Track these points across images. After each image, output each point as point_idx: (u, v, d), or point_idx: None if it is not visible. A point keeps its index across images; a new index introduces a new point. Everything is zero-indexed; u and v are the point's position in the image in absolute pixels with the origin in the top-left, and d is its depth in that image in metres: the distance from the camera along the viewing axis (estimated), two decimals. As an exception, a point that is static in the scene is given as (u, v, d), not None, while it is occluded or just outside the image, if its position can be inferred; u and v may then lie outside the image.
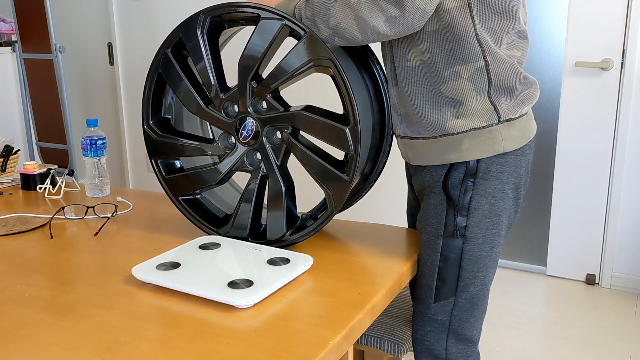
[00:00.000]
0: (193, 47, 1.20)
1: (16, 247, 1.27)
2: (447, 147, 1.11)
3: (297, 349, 0.83)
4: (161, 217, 1.47)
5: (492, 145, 1.09)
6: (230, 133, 1.22)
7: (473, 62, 1.06)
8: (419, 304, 1.21)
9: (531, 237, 3.04)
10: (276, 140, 1.19)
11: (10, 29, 3.45)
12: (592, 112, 2.73)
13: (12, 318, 0.94)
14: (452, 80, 1.08)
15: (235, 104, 1.20)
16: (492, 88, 1.08)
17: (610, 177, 2.75)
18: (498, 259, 1.18)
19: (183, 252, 1.14)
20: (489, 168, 1.10)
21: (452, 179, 1.12)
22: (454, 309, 1.17)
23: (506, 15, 1.07)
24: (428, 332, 1.20)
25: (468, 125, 1.08)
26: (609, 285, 2.82)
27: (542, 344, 2.32)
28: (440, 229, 1.13)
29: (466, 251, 1.13)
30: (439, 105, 1.10)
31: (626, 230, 2.76)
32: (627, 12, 2.58)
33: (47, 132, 3.47)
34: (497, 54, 1.07)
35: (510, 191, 1.13)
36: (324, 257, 1.17)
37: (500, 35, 1.07)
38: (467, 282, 1.15)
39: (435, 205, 1.14)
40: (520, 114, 1.11)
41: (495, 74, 1.07)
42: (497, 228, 1.13)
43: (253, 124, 1.19)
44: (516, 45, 1.10)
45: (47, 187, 1.76)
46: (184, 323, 0.90)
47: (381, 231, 1.32)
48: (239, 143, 1.22)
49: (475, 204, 1.11)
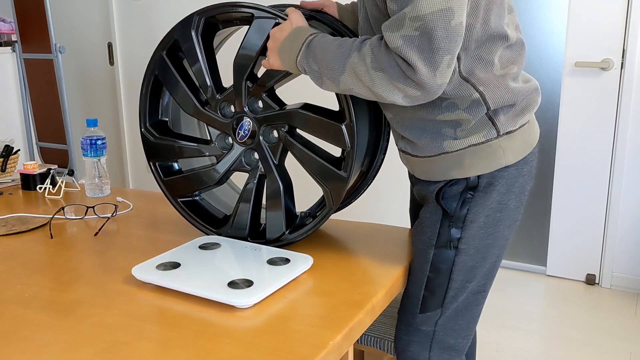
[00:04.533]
0: (188, 48, 1.20)
1: (16, 247, 1.27)
2: (449, 164, 1.08)
3: (297, 349, 0.83)
4: (161, 217, 1.47)
5: (494, 160, 1.06)
6: (227, 133, 1.22)
7: (467, 96, 1.03)
8: (404, 312, 1.18)
9: (531, 237, 3.04)
10: (273, 139, 1.19)
11: (10, 29, 3.45)
12: (592, 112, 2.73)
13: (12, 318, 0.94)
14: (449, 112, 1.04)
15: (232, 104, 1.20)
16: (490, 111, 1.04)
17: (610, 177, 2.75)
18: (495, 269, 1.15)
19: (183, 252, 1.14)
20: (491, 182, 1.07)
21: (450, 191, 1.09)
22: (440, 319, 1.14)
23: (492, 38, 1.02)
24: (412, 342, 1.17)
25: (466, 142, 1.05)
26: (609, 285, 2.82)
27: (542, 344, 2.32)
28: (433, 239, 1.11)
29: (457, 262, 1.10)
30: (436, 129, 1.07)
31: (626, 230, 2.76)
32: (627, 12, 2.58)
33: (47, 132, 3.47)
34: (490, 81, 1.03)
35: (510, 201, 1.10)
36: (324, 257, 1.17)
37: (489, 58, 1.02)
38: (455, 293, 1.12)
39: (431, 214, 1.12)
40: (520, 124, 1.07)
41: (493, 100, 1.04)
42: (492, 238, 1.10)
43: (250, 124, 1.19)
44: (510, 61, 1.06)
45: (47, 187, 1.76)
46: (184, 323, 0.90)
47: (381, 231, 1.32)
48: (236, 143, 1.22)
49: (472, 216, 1.08)
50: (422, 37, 0.89)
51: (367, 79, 0.96)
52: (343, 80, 0.99)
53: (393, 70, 0.92)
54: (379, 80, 0.94)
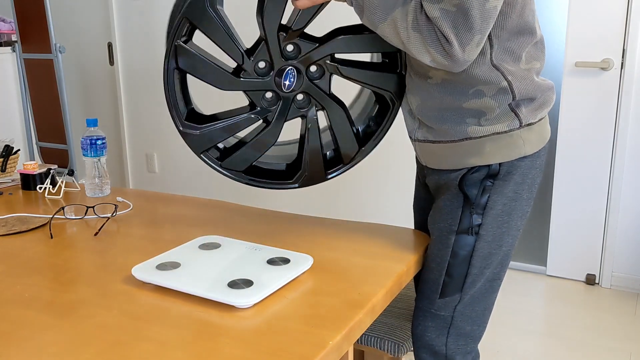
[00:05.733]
0: (207, 24, 1.17)
1: (16, 247, 1.27)
2: (469, 150, 1.12)
3: (297, 349, 0.83)
4: (161, 217, 1.47)
5: (514, 149, 1.11)
6: (272, 90, 1.22)
7: (496, 83, 1.08)
8: (422, 299, 1.21)
9: (531, 237, 3.04)
10: (316, 74, 1.22)
11: (10, 29, 3.45)
12: (592, 112, 2.73)
13: (12, 318, 0.94)
14: (476, 98, 1.09)
15: (265, 61, 1.20)
16: (514, 101, 1.10)
17: (610, 177, 2.75)
18: (508, 258, 1.19)
19: (183, 252, 1.14)
20: (509, 170, 1.12)
21: (472, 178, 1.13)
22: (459, 305, 1.18)
23: (523, 31, 1.08)
24: (429, 327, 1.20)
25: (490, 130, 1.10)
26: (609, 285, 2.82)
27: (542, 344, 2.32)
28: (455, 225, 1.15)
29: (477, 248, 1.14)
30: (461, 116, 1.12)
31: (626, 230, 2.76)
32: (627, 12, 2.58)
33: (47, 132, 3.47)
34: (517, 73, 1.09)
35: (524, 192, 1.15)
36: (324, 257, 1.17)
37: (519, 53, 1.08)
38: (473, 279, 1.16)
39: (451, 202, 1.15)
40: (539, 117, 1.13)
41: (519, 90, 1.09)
42: (507, 227, 1.15)
43: (293, 70, 1.20)
44: (534, 57, 1.12)
45: (47, 187, 1.76)
46: (184, 323, 0.90)
47: (381, 231, 1.32)
48: (282, 94, 1.22)
49: (491, 203, 1.13)
50: (458, 14, 0.96)
51: (404, 35, 1.02)
52: (381, 28, 1.06)
53: (429, 35, 0.99)
54: (414, 39, 1.01)
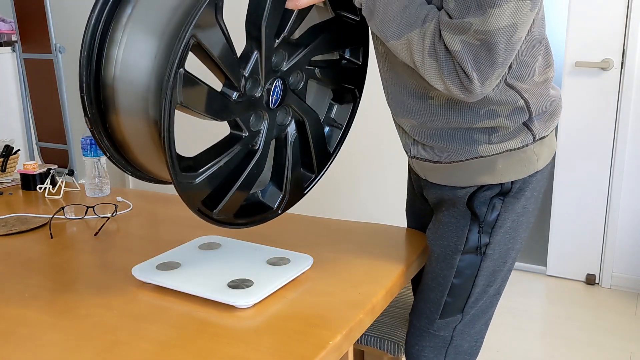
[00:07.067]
0: (215, 40, 0.92)
1: (16, 247, 1.27)
2: (479, 168, 1.05)
3: (297, 349, 0.83)
4: (161, 217, 1.47)
5: (528, 165, 1.05)
6: (259, 111, 1.05)
7: (512, 103, 1.00)
8: (421, 318, 1.16)
9: (531, 237, 3.04)
10: (296, 83, 1.10)
11: (10, 29, 3.45)
12: (592, 112, 2.73)
13: (12, 318, 0.94)
14: (488, 119, 1.01)
15: (253, 78, 1.01)
16: (530, 118, 1.03)
17: (610, 177, 2.75)
18: (510, 271, 1.14)
19: (183, 252, 1.14)
20: (522, 187, 1.06)
21: (482, 196, 1.07)
22: (459, 324, 1.13)
23: (536, 43, 1.01)
24: (426, 347, 1.15)
25: (502, 147, 1.03)
26: (609, 285, 2.82)
27: (542, 344, 2.32)
28: (461, 245, 1.08)
29: (482, 268, 1.09)
30: (467, 136, 1.04)
31: (626, 230, 2.76)
32: (627, 12, 2.58)
33: (47, 132, 3.47)
34: (534, 89, 1.02)
35: (531, 205, 1.10)
36: (324, 257, 1.17)
37: (532, 65, 1.01)
38: (476, 298, 1.12)
39: (457, 219, 1.09)
40: (551, 129, 1.07)
41: (536, 107, 1.02)
42: (512, 242, 1.10)
43: (280, 82, 1.06)
44: (546, 64, 1.05)
45: (47, 187, 1.76)
46: (184, 323, 0.90)
47: (381, 231, 1.32)
48: (268, 112, 1.06)
49: (501, 221, 1.07)
50: (482, 48, 0.88)
51: (418, 59, 0.93)
52: (393, 44, 0.95)
53: (446, 65, 0.91)
54: (429, 66, 0.92)
